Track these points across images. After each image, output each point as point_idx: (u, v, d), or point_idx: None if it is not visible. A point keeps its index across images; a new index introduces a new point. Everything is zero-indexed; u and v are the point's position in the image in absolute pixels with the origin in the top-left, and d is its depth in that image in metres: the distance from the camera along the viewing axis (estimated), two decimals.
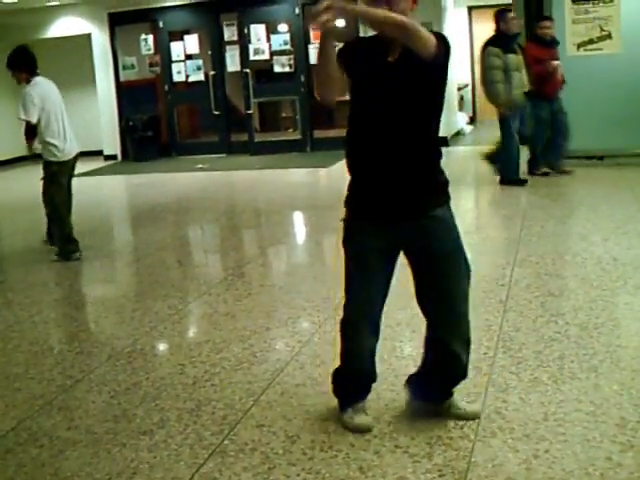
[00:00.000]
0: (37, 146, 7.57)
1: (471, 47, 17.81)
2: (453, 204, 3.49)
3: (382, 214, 3.42)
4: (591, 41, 10.73)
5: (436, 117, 3.41)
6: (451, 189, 3.48)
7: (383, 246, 3.45)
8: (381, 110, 3.33)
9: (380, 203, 3.41)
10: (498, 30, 9.53)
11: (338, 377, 3.75)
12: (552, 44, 9.98)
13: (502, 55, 9.30)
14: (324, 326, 5.02)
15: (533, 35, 10.08)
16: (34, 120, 7.29)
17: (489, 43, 9.55)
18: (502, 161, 9.89)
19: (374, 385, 3.77)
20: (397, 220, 3.40)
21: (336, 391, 3.77)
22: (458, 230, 3.51)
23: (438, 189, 3.46)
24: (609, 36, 10.62)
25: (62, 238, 7.48)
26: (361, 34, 3.34)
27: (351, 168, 3.49)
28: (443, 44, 3.19)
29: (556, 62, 9.81)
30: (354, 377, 3.72)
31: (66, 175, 7.59)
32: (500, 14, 9.58)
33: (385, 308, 3.62)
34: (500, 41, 9.42)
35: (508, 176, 9.75)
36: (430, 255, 3.46)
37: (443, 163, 3.44)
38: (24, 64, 7.53)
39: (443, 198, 3.47)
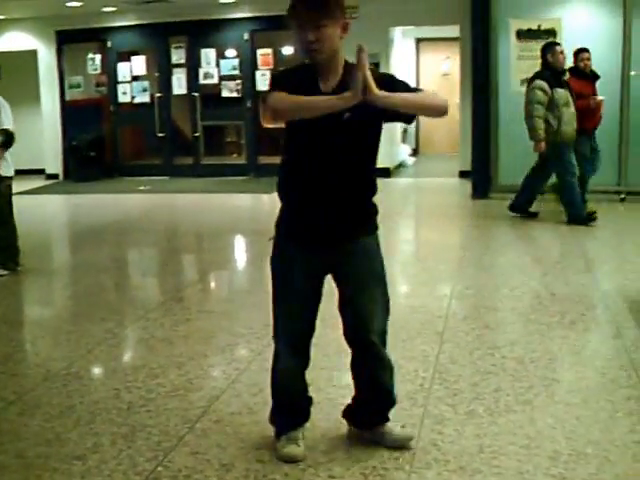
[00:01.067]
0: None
1: (417, 79, 17.98)
2: (393, 235, 3.53)
3: (311, 239, 3.46)
4: None
5: (374, 156, 3.48)
6: (390, 220, 3.53)
7: (309, 268, 3.48)
8: (321, 154, 3.37)
9: (310, 229, 3.45)
10: (545, 64, 9.08)
11: (272, 404, 3.75)
12: (593, 77, 9.61)
13: (549, 90, 8.89)
14: (263, 354, 5.00)
15: (573, 68, 9.50)
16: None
17: (535, 77, 9.11)
18: (566, 201, 9.32)
19: (311, 414, 3.76)
20: (325, 245, 3.45)
21: (271, 418, 3.77)
22: (382, 261, 3.56)
23: (367, 219, 3.53)
24: None
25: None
26: None
27: (284, 196, 3.53)
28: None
29: (600, 97, 9.46)
30: (282, 402, 3.73)
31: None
32: (547, 47, 9.16)
33: (322, 338, 3.63)
34: (547, 75, 8.99)
35: (575, 215, 9.15)
36: (350, 278, 3.51)
37: (384, 194, 3.49)
38: None
39: (371, 227, 3.55)
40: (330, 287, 3.59)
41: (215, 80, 15.06)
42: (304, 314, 3.56)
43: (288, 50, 15.47)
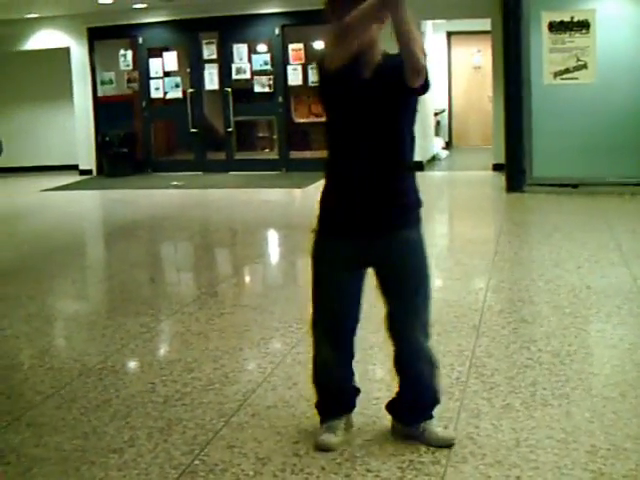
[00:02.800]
0: None
1: (449, 72, 17.93)
2: (427, 228, 3.51)
3: (351, 229, 3.45)
4: (567, 70, 10.84)
5: (408, 138, 3.44)
6: (424, 213, 3.50)
7: (349, 260, 3.48)
8: (353, 127, 3.38)
9: (349, 219, 3.45)
10: None
11: (315, 391, 3.77)
12: None
13: None
14: (297, 347, 5.01)
15: None
16: None
17: None
18: None
19: None
20: (364, 236, 3.44)
21: (316, 405, 3.79)
22: (425, 253, 3.54)
23: (408, 210, 3.49)
24: (585, 66, 10.73)
25: None
26: None
27: (327, 181, 3.54)
28: (427, 79, 3.25)
29: None
30: (322, 391, 3.74)
31: None
32: None
33: (358, 332, 3.63)
34: None
35: None
36: (391, 273, 3.51)
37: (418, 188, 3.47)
38: None
39: (413, 219, 3.51)
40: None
41: (247, 75, 15.08)
42: (343, 305, 3.57)
43: (319, 44, 15.45)
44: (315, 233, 3.60)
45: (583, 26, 10.74)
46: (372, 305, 3.67)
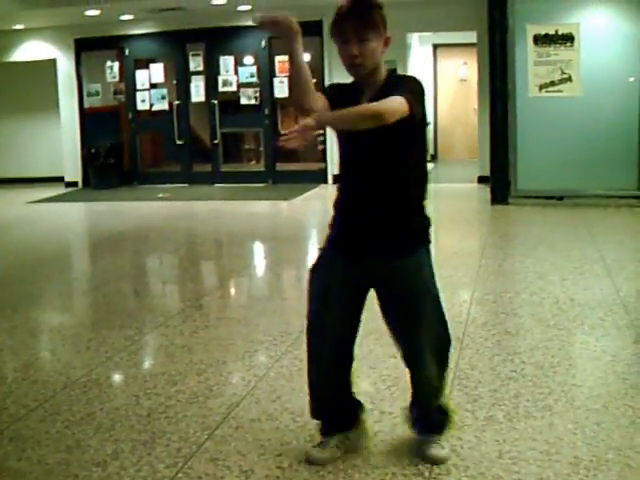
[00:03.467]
0: None
1: (435, 85, 17.99)
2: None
3: (355, 249, 3.45)
4: (552, 83, 10.89)
5: (417, 163, 3.46)
6: None
7: (350, 280, 3.46)
8: (359, 153, 3.39)
9: (355, 240, 3.45)
10: None
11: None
12: None
13: None
14: (281, 360, 5.01)
15: None
16: None
17: None
18: None
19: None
20: (369, 257, 3.43)
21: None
22: (432, 275, 3.55)
23: (414, 233, 3.50)
24: (569, 79, 10.80)
25: None
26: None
27: (335, 206, 3.54)
28: (418, 102, 3.19)
29: None
30: (317, 409, 3.72)
31: None
32: None
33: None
34: None
35: None
36: (395, 295, 3.49)
37: None
38: None
39: (419, 241, 3.52)
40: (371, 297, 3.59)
41: (234, 87, 15.11)
42: (340, 324, 3.54)
43: (306, 57, 15.46)
44: (321, 250, 3.60)
45: (567, 39, 10.81)
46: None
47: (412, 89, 3.22)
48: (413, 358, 3.59)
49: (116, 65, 15.84)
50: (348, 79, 3.44)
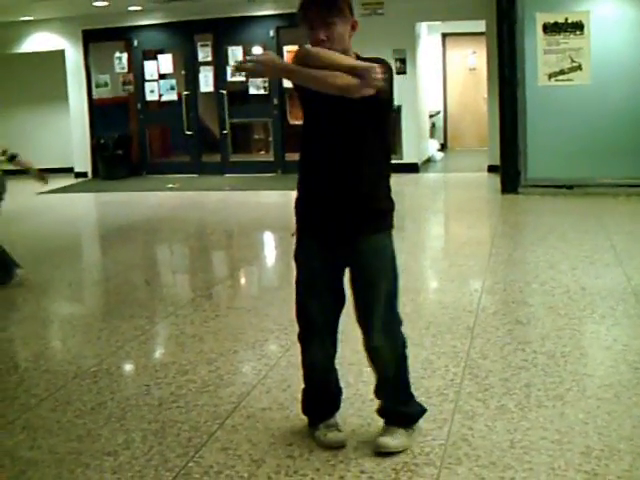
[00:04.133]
0: None
1: (444, 74, 17.93)
2: (422, 230, 3.53)
3: (323, 232, 3.52)
4: (562, 72, 10.85)
5: (381, 145, 3.49)
6: (419, 215, 3.54)
7: (326, 262, 3.53)
8: (321, 131, 3.46)
9: (321, 222, 3.52)
10: None
11: (304, 393, 3.82)
12: None
13: None
14: (292, 349, 5.00)
15: None
16: None
17: None
18: None
19: (341, 410, 3.78)
20: (335, 240, 3.49)
21: (304, 408, 3.83)
22: (391, 259, 3.57)
23: (378, 216, 3.53)
24: (579, 67, 10.75)
25: None
26: None
27: (299, 185, 3.62)
28: (385, 82, 3.24)
29: None
30: (314, 391, 3.78)
31: None
32: None
33: (350, 334, 3.64)
34: None
35: None
36: (357, 276, 3.55)
37: (413, 189, 3.49)
38: None
39: (382, 225, 3.55)
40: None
41: (242, 77, 15.06)
42: (324, 304, 3.59)
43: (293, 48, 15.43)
44: (295, 235, 3.66)
45: (577, 27, 10.76)
46: None
47: (381, 70, 3.24)
48: (365, 340, 3.62)
49: (125, 56, 15.81)
50: None
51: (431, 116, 16.55)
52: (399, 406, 3.72)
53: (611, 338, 5.07)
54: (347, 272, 3.61)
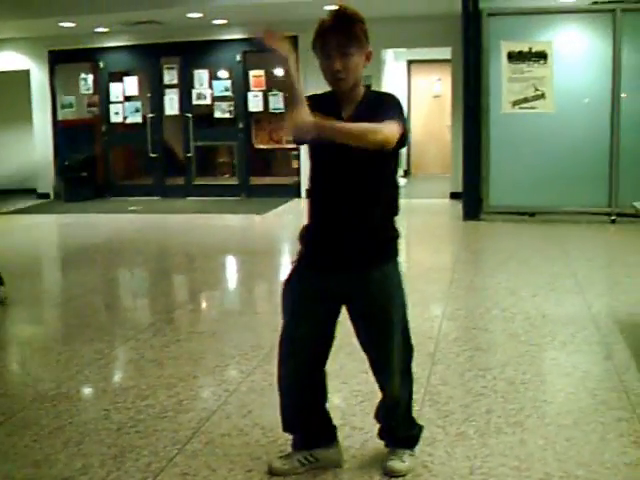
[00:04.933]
0: None
1: (409, 101, 18.04)
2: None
3: (325, 263, 3.44)
4: (526, 100, 10.97)
5: (388, 177, 3.43)
6: None
7: (320, 294, 3.44)
8: (331, 166, 3.36)
9: (324, 254, 3.44)
10: None
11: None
12: None
13: None
14: (252, 375, 4.99)
15: None
16: None
17: None
18: None
19: None
20: (338, 271, 3.41)
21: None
22: (400, 287, 3.56)
23: (382, 246, 3.50)
24: (543, 96, 10.87)
25: None
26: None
27: (308, 221, 3.52)
28: (401, 127, 3.22)
29: None
30: (285, 423, 3.72)
31: None
32: None
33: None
34: None
35: None
36: (364, 307, 3.49)
37: None
38: None
39: (388, 255, 3.53)
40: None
41: (208, 101, 15.09)
42: (311, 338, 3.52)
43: (279, 71, 15.49)
44: (293, 265, 3.57)
45: (541, 57, 10.89)
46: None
47: (399, 111, 3.27)
48: (380, 370, 3.59)
49: (90, 77, 15.78)
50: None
51: None
52: (409, 429, 3.72)
53: (571, 365, 5.10)
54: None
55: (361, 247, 3.40)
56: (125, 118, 15.57)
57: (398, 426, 3.70)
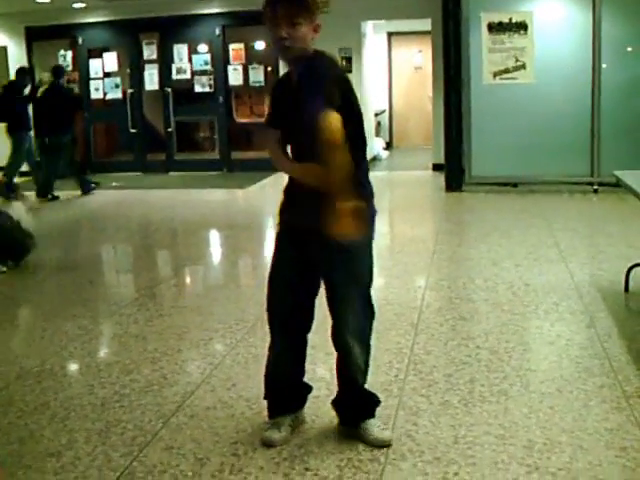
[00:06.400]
0: None
1: (389, 73, 18.01)
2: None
3: (296, 226, 3.52)
4: (506, 70, 10.96)
5: (356, 154, 3.36)
6: None
7: (297, 256, 3.54)
8: (291, 135, 3.50)
9: (294, 219, 3.54)
10: None
11: (266, 384, 3.82)
12: None
13: None
14: (236, 348, 5.00)
15: None
16: None
17: None
18: None
19: None
20: (307, 236, 3.46)
21: (266, 399, 3.83)
22: (368, 259, 3.59)
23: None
24: (523, 66, 10.86)
25: None
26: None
27: (284, 188, 3.64)
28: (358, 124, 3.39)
29: None
30: (270, 387, 3.78)
31: None
32: None
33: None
34: None
35: None
36: (330, 274, 3.55)
37: None
38: None
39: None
40: None
41: (188, 75, 15.02)
42: (294, 301, 3.60)
43: (260, 45, 15.44)
44: (276, 225, 3.68)
45: (521, 27, 10.88)
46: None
47: (353, 103, 3.41)
48: (339, 335, 3.61)
49: (69, 54, 15.67)
50: None
51: (376, 115, 16.62)
52: (371, 404, 3.75)
53: (554, 333, 5.13)
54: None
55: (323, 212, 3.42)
56: (105, 94, 15.49)
57: (361, 396, 3.72)
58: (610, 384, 4.23)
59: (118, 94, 15.45)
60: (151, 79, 15.22)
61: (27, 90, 13.44)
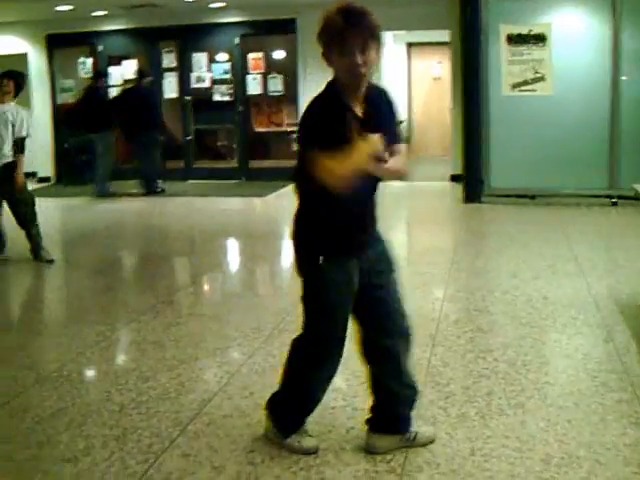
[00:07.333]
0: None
1: (409, 83, 18.02)
2: (386, 238, 3.58)
3: (357, 247, 3.50)
4: (525, 82, 10.95)
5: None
6: (382, 224, 3.66)
7: (356, 278, 3.49)
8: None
9: (356, 237, 3.49)
10: None
11: (285, 404, 3.73)
12: None
13: None
14: (253, 357, 5.00)
15: None
16: None
17: None
18: None
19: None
20: (365, 249, 3.53)
21: (280, 418, 3.74)
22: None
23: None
24: (542, 78, 10.85)
25: None
26: None
27: (328, 219, 3.42)
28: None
29: None
30: (308, 407, 3.72)
31: None
32: None
33: None
34: None
35: None
36: (383, 272, 3.72)
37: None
38: None
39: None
40: None
41: (207, 84, 15.07)
42: (347, 324, 3.57)
43: (279, 54, 15.47)
44: (322, 261, 3.43)
45: (540, 39, 10.86)
46: None
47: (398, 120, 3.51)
48: (405, 321, 3.80)
49: (89, 61, 15.73)
50: (320, 76, 3.42)
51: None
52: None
53: (572, 347, 5.11)
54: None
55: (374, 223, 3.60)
56: None
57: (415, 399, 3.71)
58: (628, 399, 4.21)
59: None
60: (170, 87, 15.28)
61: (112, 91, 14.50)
